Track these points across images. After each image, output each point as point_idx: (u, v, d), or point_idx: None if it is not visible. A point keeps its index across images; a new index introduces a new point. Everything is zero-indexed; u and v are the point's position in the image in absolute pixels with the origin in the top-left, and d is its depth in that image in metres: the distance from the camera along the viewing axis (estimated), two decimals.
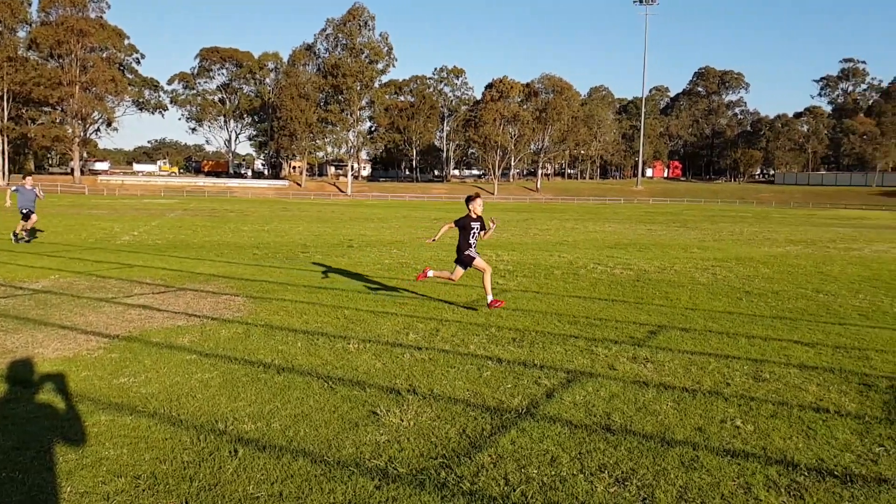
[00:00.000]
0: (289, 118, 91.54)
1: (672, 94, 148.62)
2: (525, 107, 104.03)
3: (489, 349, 6.43)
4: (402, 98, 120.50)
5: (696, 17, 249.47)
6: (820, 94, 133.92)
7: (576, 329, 7.41)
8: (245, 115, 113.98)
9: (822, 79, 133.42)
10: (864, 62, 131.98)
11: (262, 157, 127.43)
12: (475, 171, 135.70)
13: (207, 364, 5.77)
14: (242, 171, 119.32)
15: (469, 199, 8.59)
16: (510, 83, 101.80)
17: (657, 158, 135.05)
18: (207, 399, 4.88)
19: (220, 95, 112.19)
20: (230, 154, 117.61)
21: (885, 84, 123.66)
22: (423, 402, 4.91)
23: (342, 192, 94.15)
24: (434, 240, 8.77)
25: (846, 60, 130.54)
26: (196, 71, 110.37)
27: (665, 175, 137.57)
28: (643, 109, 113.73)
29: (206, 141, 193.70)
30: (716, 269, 13.30)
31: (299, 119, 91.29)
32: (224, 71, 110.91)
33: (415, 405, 4.82)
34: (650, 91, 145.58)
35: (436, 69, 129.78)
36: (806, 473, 3.82)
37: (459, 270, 8.57)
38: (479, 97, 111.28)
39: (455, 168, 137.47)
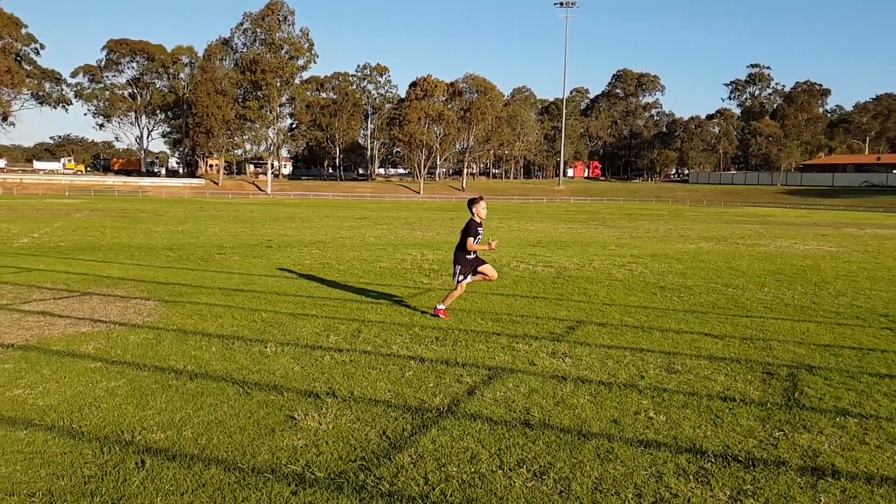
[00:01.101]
0: (205, 114, 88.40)
1: (592, 96, 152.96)
2: (450, 106, 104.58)
3: (412, 349, 6.40)
4: (324, 95, 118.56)
5: (615, 20, 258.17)
6: (730, 98, 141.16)
7: (498, 326, 7.48)
8: (158, 111, 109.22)
9: (731, 82, 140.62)
10: (769, 68, 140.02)
11: (176, 154, 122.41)
12: (401, 170, 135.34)
13: (114, 372, 5.47)
14: (156, 170, 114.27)
15: (473, 203, 7.92)
16: (434, 82, 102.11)
17: (578, 159, 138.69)
18: (113, 409, 4.63)
19: (130, 90, 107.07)
20: (142, 152, 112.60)
21: (787, 89, 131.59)
22: (342, 404, 4.82)
23: (262, 191, 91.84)
24: (493, 245, 7.83)
25: (753, 66, 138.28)
26: (103, 63, 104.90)
27: (586, 175, 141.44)
28: (564, 111, 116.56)
29: (116, 138, 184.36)
30: (632, 265, 13.75)
31: (216, 115, 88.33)
32: (134, 64, 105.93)
33: (334, 408, 4.73)
34: (571, 92, 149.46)
35: (359, 66, 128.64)
36: (713, 460, 3.98)
37: (490, 270, 8.10)
38: (403, 95, 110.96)
39: (380, 167, 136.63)
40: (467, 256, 7.90)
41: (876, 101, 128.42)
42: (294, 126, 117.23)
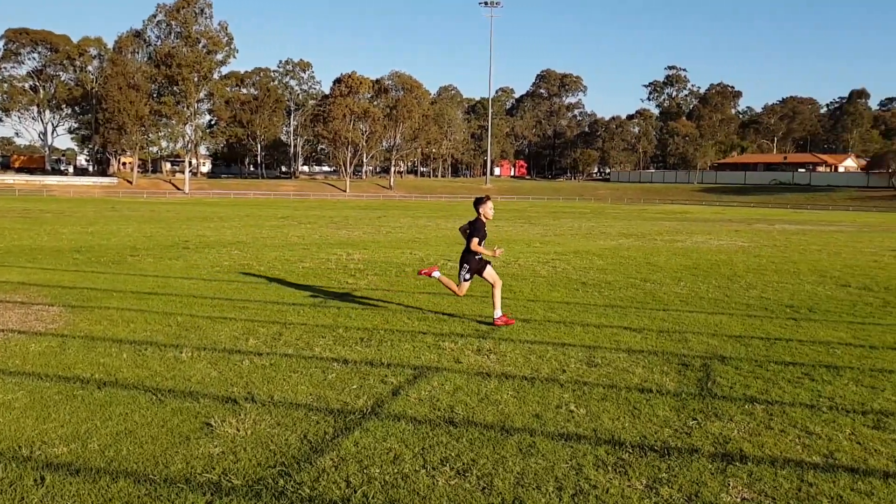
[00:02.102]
0: (116, 110, 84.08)
1: (517, 96, 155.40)
2: (376, 103, 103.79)
3: (336, 351, 6.28)
4: (244, 91, 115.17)
5: (538, 21, 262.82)
6: (649, 98, 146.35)
7: (425, 325, 7.46)
8: (64, 106, 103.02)
9: (650, 84, 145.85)
10: (685, 70, 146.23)
11: (86, 152, 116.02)
12: (326, 168, 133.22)
13: (11, 383, 5.11)
14: (62, 168, 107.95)
15: (480, 202, 7.68)
16: (359, 79, 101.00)
17: (504, 157, 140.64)
18: (9, 423, 4.32)
19: (31, 82, 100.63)
20: (47, 148, 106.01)
21: (702, 91, 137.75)
22: (262, 409, 4.68)
23: (179, 189, 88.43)
24: (498, 252, 7.72)
25: (670, 68, 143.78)
26: (1, 54, 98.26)
27: (512, 174, 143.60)
28: (490, 110, 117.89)
29: (17, 133, 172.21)
30: (556, 262, 14.03)
31: (128, 111, 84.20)
32: (36, 55, 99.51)
33: (253, 413, 4.58)
34: (497, 92, 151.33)
35: (281, 62, 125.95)
36: (630, 450, 4.09)
37: (491, 273, 7.73)
38: (327, 92, 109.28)
39: (304, 164, 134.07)
40: (475, 257, 7.66)
41: (783, 104, 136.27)
42: (213, 123, 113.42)
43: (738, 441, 4.24)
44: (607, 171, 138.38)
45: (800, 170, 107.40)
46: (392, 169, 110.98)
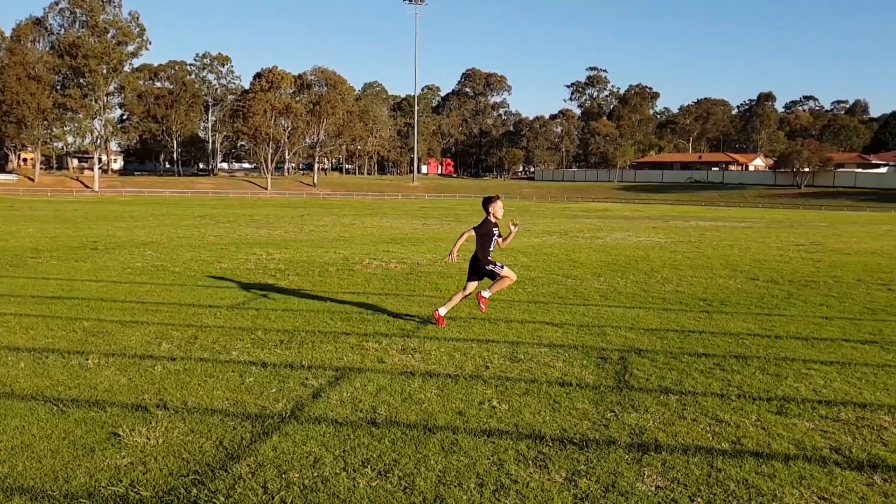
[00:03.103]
0: (15, 102, 78.71)
1: (443, 94, 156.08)
2: (298, 99, 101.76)
3: (254, 354, 6.09)
4: (158, 84, 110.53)
5: (464, 18, 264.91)
6: (571, 99, 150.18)
7: (348, 325, 7.34)
8: None
9: (572, 84, 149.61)
10: (605, 71, 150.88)
11: None
12: (247, 165, 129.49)
13: None
14: None
15: (489, 201, 7.40)
16: (281, 74, 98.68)
17: (432, 155, 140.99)
18: None
19: None
20: None
21: (622, 91, 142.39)
22: (174, 416, 4.47)
23: (88, 187, 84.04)
24: (454, 257, 7.55)
25: (592, 69, 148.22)
26: None
27: (439, 171, 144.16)
28: (416, 107, 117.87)
29: None
30: None
31: (29, 104, 79.02)
32: None
33: (165, 421, 4.37)
34: (423, 89, 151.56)
35: (197, 55, 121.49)
36: (550, 444, 4.15)
37: (472, 285, 7.51)
38: (247, 87, 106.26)
39: (223, 161, 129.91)
40: (488, 257, 7.46)
41: (697, 105, 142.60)
42: (125, 117, 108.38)
43: (653, 431, 4.38)
44: (532, 169, 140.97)
45: (713, 168, 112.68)
46: (316, 166, 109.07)
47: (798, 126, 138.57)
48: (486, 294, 7.53)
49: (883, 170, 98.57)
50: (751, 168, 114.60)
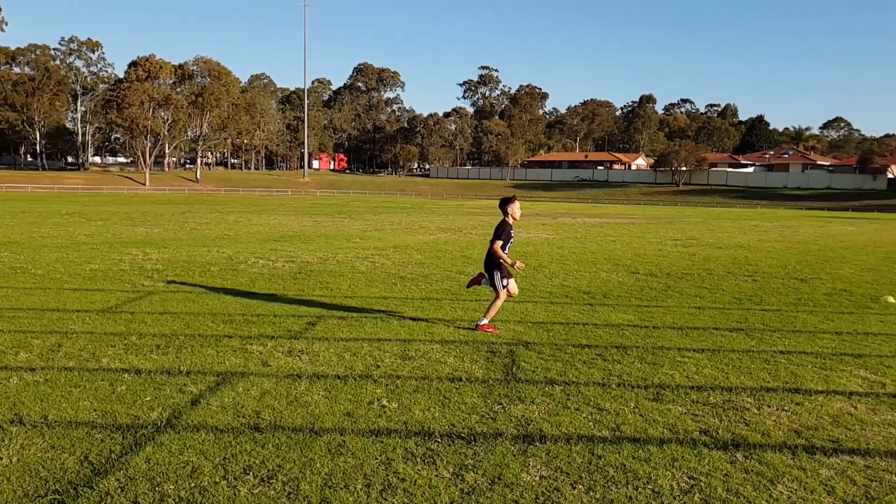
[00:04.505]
0: None
1: (335, 88, 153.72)
2: (179, 90, 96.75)
3: (127, 360, 5.70)
4: (17, 70, 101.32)
5: (355, 12, 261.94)
6: (464, 97, 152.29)
7: (230, 328, 7.03)
8: None
9: (465, 83, 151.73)
10: (497, 70, 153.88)
11: None
12: (122, 159, 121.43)
13: None
14: None
15: (507, 202, 7.37)
16: (159, 63, 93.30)
17: (323, 151, 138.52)
18: None
19: None
20: None
21: (513, 91, 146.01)
22: (32, 432, 4.09)
23: None
24: (519, 264, 7.33)
25: (483, 68, 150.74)
26: None
27: (332, 167, 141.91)
28: (306, 101, 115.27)
29: None
30: (375, 257, 14.02)
31: None
32: None
33: (20, 438, 3.99)
34: (313, 83, 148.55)
35: (63, 39, 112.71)
36: (439, 440, 4.15)
37: (513, 285, 7.43)
38: (122, 76, 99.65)
39: (96, 155, 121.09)
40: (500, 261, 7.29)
41: (584, 105, 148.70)
42: None
43: (539, 422, 4.48)
44: (427, 166, 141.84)
45: (599, 167, 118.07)
46: (199, 161, 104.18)
47: (676, 127, 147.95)
48: (483, 322, 7.21)
49: (750, 169, 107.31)
50: (633, 167, 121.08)
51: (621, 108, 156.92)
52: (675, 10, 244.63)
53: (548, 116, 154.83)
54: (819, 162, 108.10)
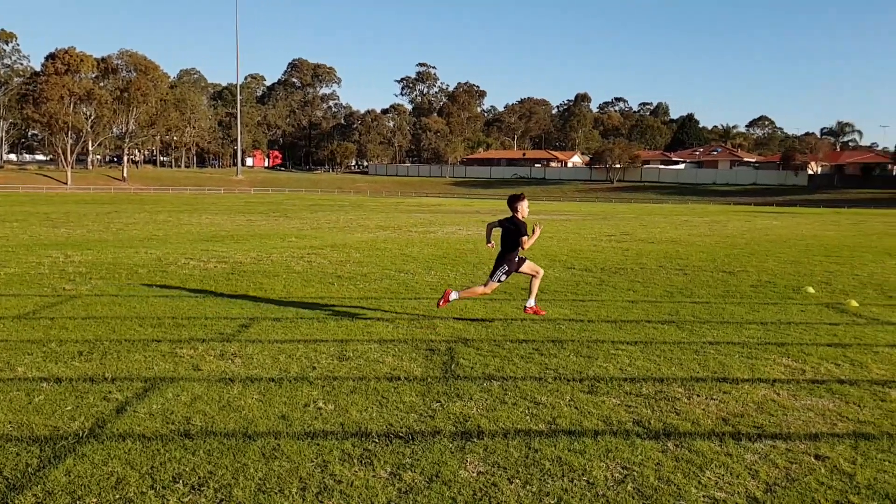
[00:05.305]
0: None
1: (269, 83, 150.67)
2: (102, 84, 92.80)
3: (46, 369, 5.40)
4: None
5: (289, 6, 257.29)
6: (402, 94, 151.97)
7: (159, 332, 6.77)
8: None
9: (402, 79, 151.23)
10: (434, 67, 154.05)
11: None
12: (41, 157, 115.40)
13: None
14: None
15: (515, 200, 7.52)
16: (80, 56, 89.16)
17: (257, 148, 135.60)
18: None
19: None
20: None
21: (451, 89, 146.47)
22: None
23: None
24: (491, 244, 7.90)
25: (421, 65, 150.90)
26: None
27: (266, 164, 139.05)
28: (239, 97, 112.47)
29: None
30: (311, 256, 13.80)
31: None
32: None
33: None
34: (246, 78, 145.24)
35: None
36: (377, 440, 4.10)
37: (528, 266, 7.69)
38: (39, 69, 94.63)
39: (11, 152, 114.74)
40: (517, 257, 7.53)
41: (521, 104, 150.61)
42: None
43: (477, 418, 4.49)
44: (365, 163, 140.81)
45: (536, 165, 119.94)
46: (126, 158, 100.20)
47: (610, 125, 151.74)
48: (453, 296, 7.59)
49: (681, 166, 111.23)
50: (569, 165, 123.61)
51: (557, 107, 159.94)
52: (609, 10, 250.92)
53: (486, 114, 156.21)
54: (746, 159, 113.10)
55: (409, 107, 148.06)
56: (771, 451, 4.05)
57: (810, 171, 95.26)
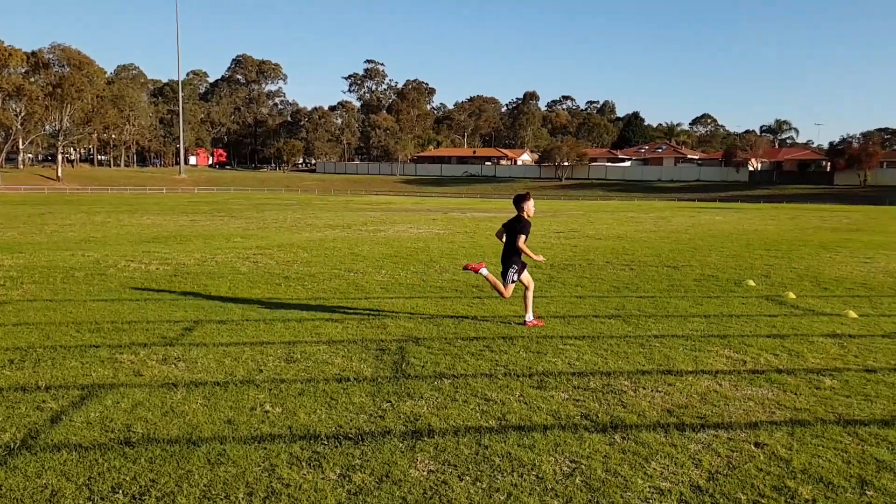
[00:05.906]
0: None
1: (212, 80, 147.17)
2: (33, 80, 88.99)
3: None
4: None
5: (232, 1, 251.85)
6: (350, 91, 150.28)
7: (98, 337, 6.52)
8: None
9: (350, 76, 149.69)
10: (383, 64, 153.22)
11: None
12: None
13: None
14: None
15: (523, 199, 7.54)
16: (8, 50, 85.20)
17: (201, 146, 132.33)
18: None
19: None
20: None
21: (400, 86, 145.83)
22: None
23: None
24: (540, 258, 7.83)
25: (369, 62, 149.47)
26: None
27: (210, 163, 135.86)
28: (181, 94, 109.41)
29: None
30: (257, 257, 13.53)
31: None
32: None
33: None
34: (188, 75, 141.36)
35: None
36: (326, 442, 4.04)
37: (525, 277, 7.56)
38: None
39: None
40: (520, 256, 7.46)
41: (471, 102, 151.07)
42: None
43: (427, 417, 4.48)
44: (313, 161, 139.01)
45: (487, 163, 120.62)
46: (60, 157, 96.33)
47: (559, 124, 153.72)
48: (483, 271, 7.63)
49: (627, 164, 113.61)
50: (519, 162, 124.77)
51: (507, 105, 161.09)
52: (557, 8, 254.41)
53: (436, 112, 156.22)
54: (689, 156, 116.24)
55: (358, 104, 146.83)
56: (713, 441, 4.16)
57: (751, 168, 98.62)
